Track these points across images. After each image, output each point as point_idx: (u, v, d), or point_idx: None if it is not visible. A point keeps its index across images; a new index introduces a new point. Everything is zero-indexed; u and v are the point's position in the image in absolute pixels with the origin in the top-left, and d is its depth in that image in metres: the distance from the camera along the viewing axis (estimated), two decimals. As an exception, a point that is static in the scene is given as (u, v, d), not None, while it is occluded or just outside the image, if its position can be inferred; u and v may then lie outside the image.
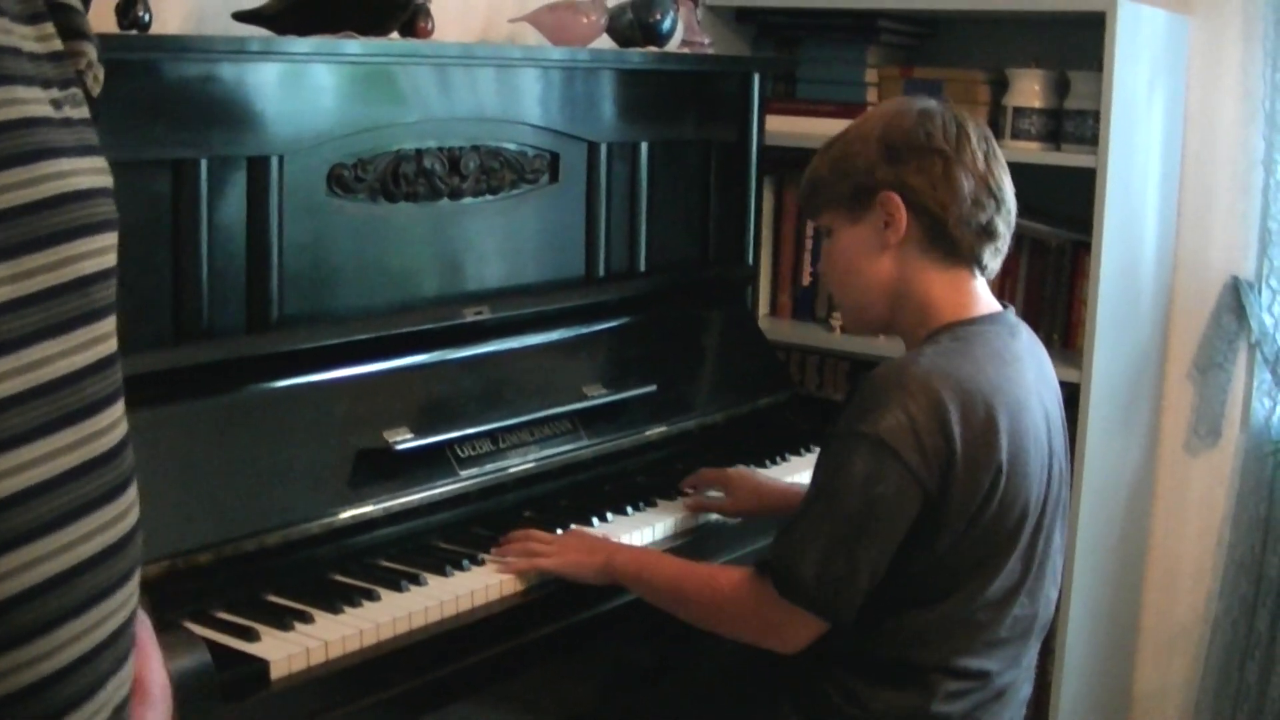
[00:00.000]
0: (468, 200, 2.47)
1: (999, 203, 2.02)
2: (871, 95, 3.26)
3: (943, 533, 1.90)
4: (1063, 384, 2.91)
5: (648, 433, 2.62)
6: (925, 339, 2.01)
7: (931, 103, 2.08)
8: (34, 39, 1.02)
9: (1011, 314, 2.08)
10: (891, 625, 1.96)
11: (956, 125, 2.02)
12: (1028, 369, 2.01)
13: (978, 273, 2.05)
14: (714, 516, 2.45)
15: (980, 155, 2.01)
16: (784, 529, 1.97)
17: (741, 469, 2.52)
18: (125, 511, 1.01)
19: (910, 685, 1.97)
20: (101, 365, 0.99)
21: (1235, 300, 3.16)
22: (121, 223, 1.08)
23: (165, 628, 1.71)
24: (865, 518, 1.87)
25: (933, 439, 1.86)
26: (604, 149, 2.70)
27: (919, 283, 2.03)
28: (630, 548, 2.20)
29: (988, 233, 2.02)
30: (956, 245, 2.01)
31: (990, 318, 2.03)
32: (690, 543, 2.37)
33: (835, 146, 2.10)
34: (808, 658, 1.98)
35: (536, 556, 2.12)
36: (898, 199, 2.00)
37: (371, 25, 2.34)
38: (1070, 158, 2.97)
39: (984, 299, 2.05)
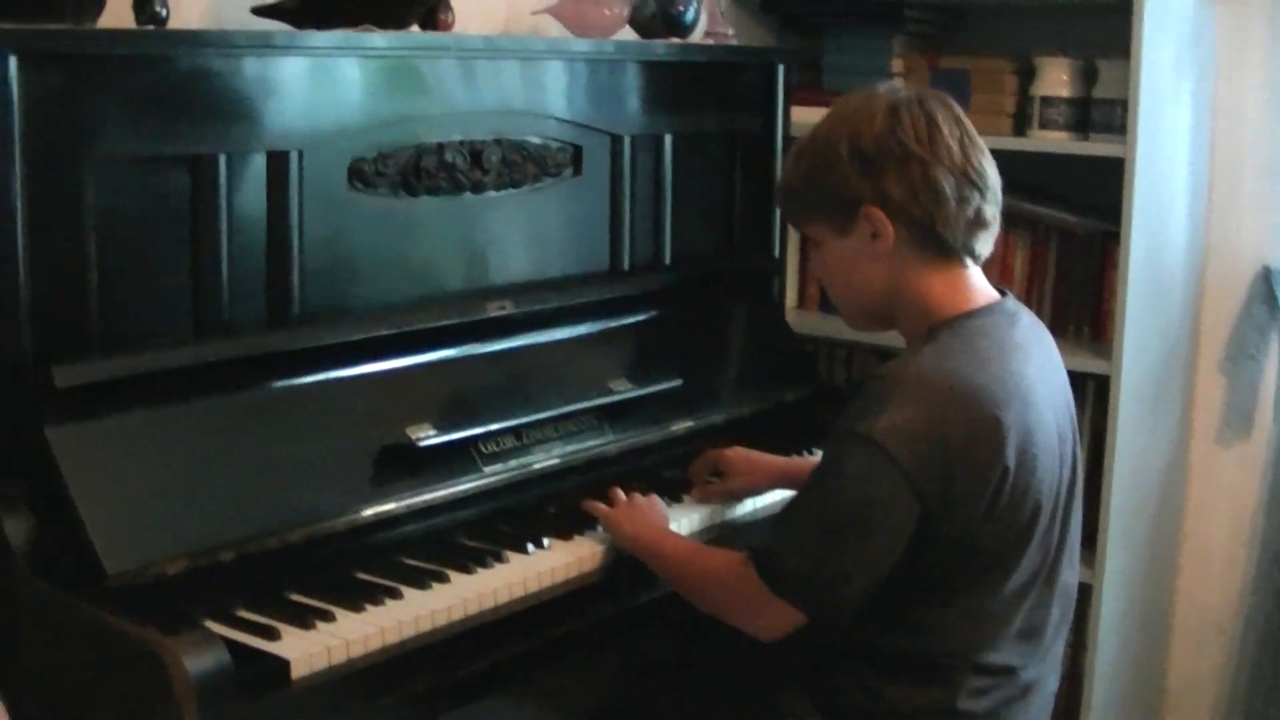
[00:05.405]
0: (490, 194, 2.46)
1: (983, 190, 1.97)
2: (898, 85, 3.23)
3: (948, 533, 1.88)
4: (1093, 375, 2.93)
5: (673, 427, 2.60)
6: (926, 336, 1.97)
7: (897, 92, 2.02)
8: None
9: (1010, 301, 2.04)
10: (906, 620, 1.95)
11: (926, 118, 1.96)
12: (1031, 358, 1.98)
13: (971, 263, 2.01)
14: (742, 511, 2.44)
15: (955, 146, 1.95)
16: (776, 518, 1.99)
17: (739, 449, 2.49)
18: None
19: (933, 682, 1.95)
20: None
21: (1266, 289, 3.13)
22: (142, 218, 1.08)
23: (185, 626, 1.71)
24: (855, 516, 1.86)
25: (928, 441, 1.84)
26: (627, 141, 2.68)
27: (915, 283, 2.00)
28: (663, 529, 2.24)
29: (978, 223, 1.97)
30: (948, 244, 1.97)
31: (989, 308, 2.00)
32: (717, 538, 2.35)
33: (806, 155, 2.04)
34: (826, 651, 1.98)
35: (613, 507, 2.25)
36: (880, 213, 1.95)
37: (391, 18, 2.33)
38: (1098, 147, 2.95)
39: (981, 289, 2.02)
